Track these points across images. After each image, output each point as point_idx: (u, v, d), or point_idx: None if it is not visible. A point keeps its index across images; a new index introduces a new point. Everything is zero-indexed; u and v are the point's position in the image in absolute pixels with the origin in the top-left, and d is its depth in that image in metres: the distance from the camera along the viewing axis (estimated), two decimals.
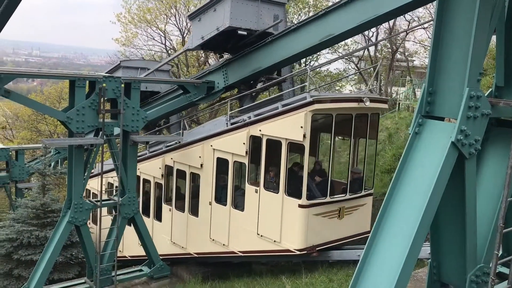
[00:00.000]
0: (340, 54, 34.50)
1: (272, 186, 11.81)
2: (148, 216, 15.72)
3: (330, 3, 18.16)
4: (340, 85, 38.46)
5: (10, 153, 21.20)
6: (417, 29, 31.07)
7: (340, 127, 11.98)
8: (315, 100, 10.74)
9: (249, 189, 12.26)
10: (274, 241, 11.59)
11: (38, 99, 31.41)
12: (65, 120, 12.11)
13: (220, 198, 13.21)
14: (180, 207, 14.56)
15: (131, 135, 13.28)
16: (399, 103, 27.06)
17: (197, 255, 14.29)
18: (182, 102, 15.25)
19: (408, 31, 31.49)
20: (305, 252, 11.28)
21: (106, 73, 15.76)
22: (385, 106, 13.05)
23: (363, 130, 12.23)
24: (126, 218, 13.64)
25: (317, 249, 11.46)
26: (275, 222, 11.54)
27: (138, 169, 14.80)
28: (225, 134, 12.73)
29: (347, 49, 35.96)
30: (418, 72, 40.13)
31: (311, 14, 26.92)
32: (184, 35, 35.40)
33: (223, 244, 13.11)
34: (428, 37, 33.69)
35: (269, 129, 11.54)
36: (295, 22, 15.36)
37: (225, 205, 12.96)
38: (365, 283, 4.78)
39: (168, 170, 15.04)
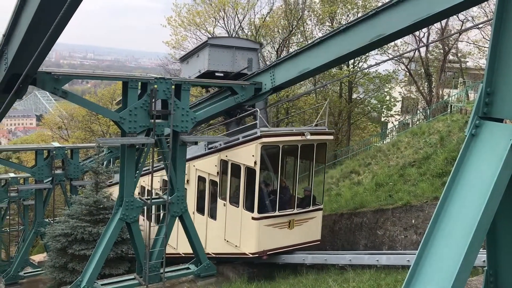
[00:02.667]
0: (390, 56, 33.79)
1: (235, 201, 14.32)
2: (150, 220, 17.74)
3: (380, 4, 17.83)
4: (389, 86, 37.70)
5: (66, 152, 22.09)
6: (471, 29, 29.98)
7: (288, 155, 14.70)
8: (263, 135, 13.27)
9: (220, 202, 14.89)
10: (236, 246, 14.17)
11: (92, 100, 32.61)
12: (118, 120, 12.51)
13: (200, 209, 15.73)
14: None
15: (181, 135, 13.55)
16: (451, 106, 26.19)
17: (184, 255, 16.04)
18: (229, 103, 15.41)
19: (461, 32, 30.41)
20: (257, 255, 13.73)
21: None
22: (331, 137, 15.34)
23: (311, 157, 14.63)
24: (175, 216, 13.93)
25: (268, 253, 13.89)
26: (236, 230, 14.09)
27: (144, 181, 16.95)
28: (204, 157, 15.23)
29: (396, 50, 35.20)
30: (471, 74, 38.67)
31: (359, 15, 26.55)
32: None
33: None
34: (483, 37, 32.44)
35: (233, 155, 14.07)
36: (343, 23, 15.25)
37: (203, 215, 15.54)
38: None
39: (164, 183, 17.03)
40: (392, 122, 37.89)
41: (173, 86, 13.21)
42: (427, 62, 35.20)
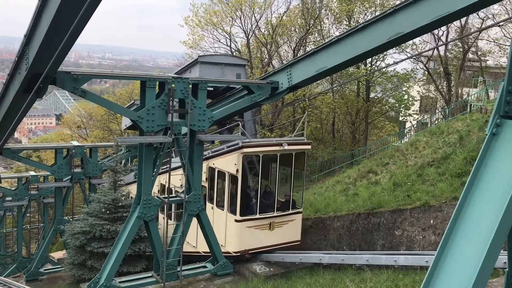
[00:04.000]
0: (408, 54, 33.44)
1: (221, 204, 15.69)
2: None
3: (398, 1, 17.68)
4: (407, 85, 37.31)
5: (85, 150, 22.34)
6: (492, 27, 29.47)
7: (269, 163, 15.93)
8: (244, 145, 14.50)
9: (208, 206, 15.96)
10: (221, 245, 15.01)
11: (110, 100, 32.93)
12: (136, 119, 12.61)
13: None
14: (169, 216, 17.74)
15: (198, 134, 13.62)
16: (470, 105, 25.79)
17: None
18: (246, 102, 15.38)
19: (481, 30, 29.92)
20: (239, 254, 14.90)
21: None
22: (308, 147, 16.69)
23: (290, 165, 15.80)
24: (192, 215, 14.01)
25: (249, 252, 15.12)
26: (222, 231, 15.22)
27: None
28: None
29: (415, 49, 34.80)
30: (491, 72, 38.02)
31: (377, 13, 26.30)
32: (249, 37, 35.81)
33: (193, 246, 16.48)
34: (504, 35, 31.86)
35: (219, 163, 15.35)
36: (361, 22, 15.11)
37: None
38: None
39: (162, 187, 18.73)
40: (410, 122, 37.49)
41: (190, 86, 13.28)
42: (446, 61, 34.72)
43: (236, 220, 14.89)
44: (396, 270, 11.65)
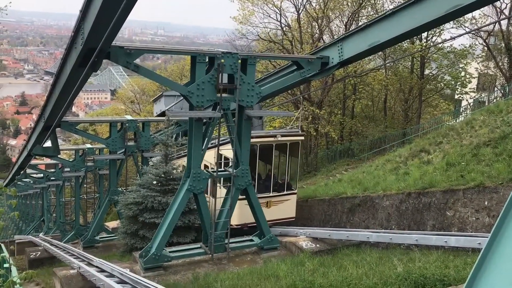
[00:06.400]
0: (467, 29, 31.83)
1: (226, 185, 16.61)
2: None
3: None
4: (464, 62, 35.66)
5: (138, 124, 22.96)
6: None
7: (266, 152, 17.73)
8: None
9: (217, 186, 17.70)
10: None
11: (162, 75, 33.50)
12: (187, 94, 12.79)
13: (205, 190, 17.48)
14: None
15: (246, 110, 13.66)
16: None
17: None
18: (295, 78, 15.19)
19: None
20: (240, 227, 16.99)
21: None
22: (302, 138, 18.90)
23: (285, 153, 18.24)
24: (240, 189, 14.19)
25: (248, 225, 17.03)
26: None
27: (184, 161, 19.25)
28: (208, 150, 16.51)
29: (474, 23, 33.06)
30: None
31: None
32: (300, 12, 35.23)
33: None
34: None
35: (225, 151, 16.78)
36: None
37: (207, 193, 17.56)
38: (489, 273, 4.41)
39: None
40: (467, 100, 35.95)
41: (239, 61, 13.27)
42: (509, 36, 32.78)
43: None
44: (446, 251, 11.35)
